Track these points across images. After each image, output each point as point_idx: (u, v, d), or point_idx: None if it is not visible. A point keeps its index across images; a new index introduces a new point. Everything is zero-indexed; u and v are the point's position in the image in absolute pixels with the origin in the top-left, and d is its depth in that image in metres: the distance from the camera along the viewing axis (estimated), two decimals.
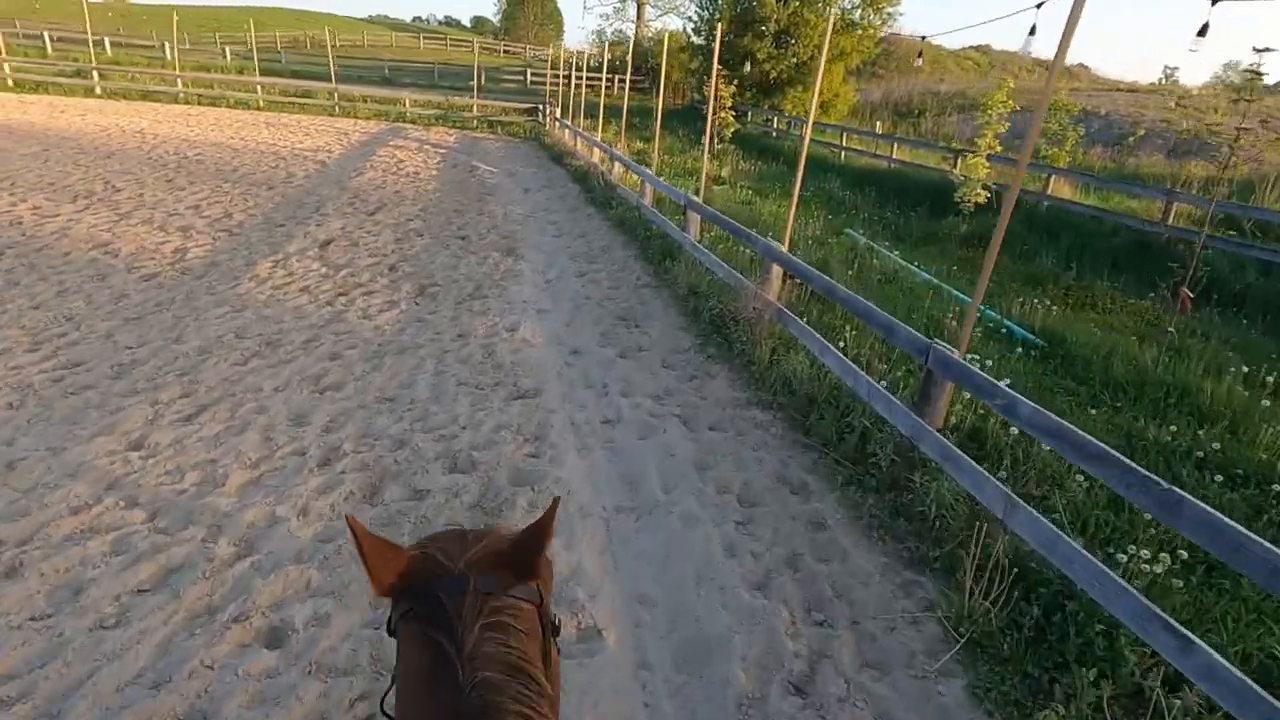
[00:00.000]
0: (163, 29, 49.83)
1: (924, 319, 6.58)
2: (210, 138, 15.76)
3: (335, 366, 5.11)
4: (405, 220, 9.78)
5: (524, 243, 9.19)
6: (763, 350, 5.32)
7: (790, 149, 20.40)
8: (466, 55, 54.05)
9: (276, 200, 10.29)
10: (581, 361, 5.61)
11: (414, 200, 11.22)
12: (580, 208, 11.63)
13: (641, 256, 8.65)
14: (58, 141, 13.42)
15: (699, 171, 16.36)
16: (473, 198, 11.88)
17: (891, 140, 17.08)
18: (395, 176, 13.22)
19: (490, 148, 18.60)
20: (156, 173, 11.40)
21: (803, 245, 8.98)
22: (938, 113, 29.32)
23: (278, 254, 7.68)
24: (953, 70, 40.88)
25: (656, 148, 13.61)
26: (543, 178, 14.50)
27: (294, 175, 12.40)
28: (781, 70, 23.87)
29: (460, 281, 7.32)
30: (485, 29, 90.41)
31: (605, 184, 12.17)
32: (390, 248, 8.33)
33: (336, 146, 16.44)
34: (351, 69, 34.46)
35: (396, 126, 21.27)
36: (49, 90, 20.94)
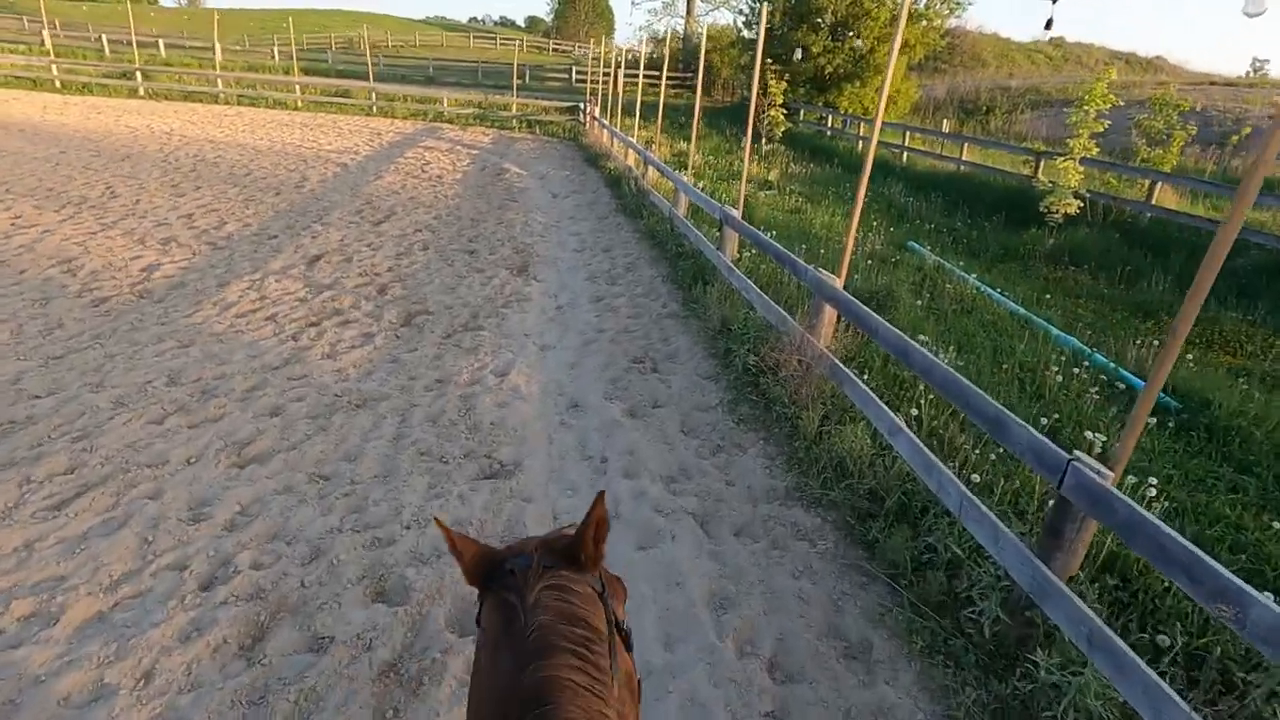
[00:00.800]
0: (226, 31, 51.00)
1: (1016, 366, 5.24)
2: (237, 139, 15.27)
3: (271, 427, 4.12)
4: (413, 231, 8.85)
5: (539, 258, 8.13)
6: (809, 418, 4.10)
7: (845, 150, 18.89)
8: (518, 53, 53.74)
9: (280, 207, 9.51)
10: (581, 421, 4.50)
11: (429, 207, 10.31)
12: (609, 216, 10.53)
13: (670, 278, 7.48)
14: (80, 143, 13.05)
15: (736, 171, 15.11)
16: (494, 204, 10.91)
17: (960, 140, 15.44)
18: (417, 180, 12.37)
19: (525, 148, 17.69)
20: (165, 177, 10.79)
21: (861, 264, 7.66)
22: (1008, 110, 27.21)
23: (257, 272, 6.81)
24: (1022, 64, 38.28)
25: (694, 148, 12.39)
26: (574, 181, 13.46)
27: (308, 179, 11.66)
28: (838, 65, 22.30)
29: (455, 308, 6.29)
30: (538, 28, 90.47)
31: (637, 190, 11.05)
32: (387, 264, 7.38)
33: (365, 148, 15.76)
34: (396, 68, 34.24)
35: (433, 126, 20.60)
36: (94, 91, 21.01)
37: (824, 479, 3.71)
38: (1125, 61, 38.78)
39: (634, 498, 3.68)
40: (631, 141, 12.51)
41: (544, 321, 6.22)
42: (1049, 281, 8.71)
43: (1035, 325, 6.60)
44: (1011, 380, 5.06)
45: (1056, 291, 8.27)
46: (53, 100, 19.11)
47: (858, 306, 3.98)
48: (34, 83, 20.91)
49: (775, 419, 4.38)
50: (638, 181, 11.41)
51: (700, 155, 16.89)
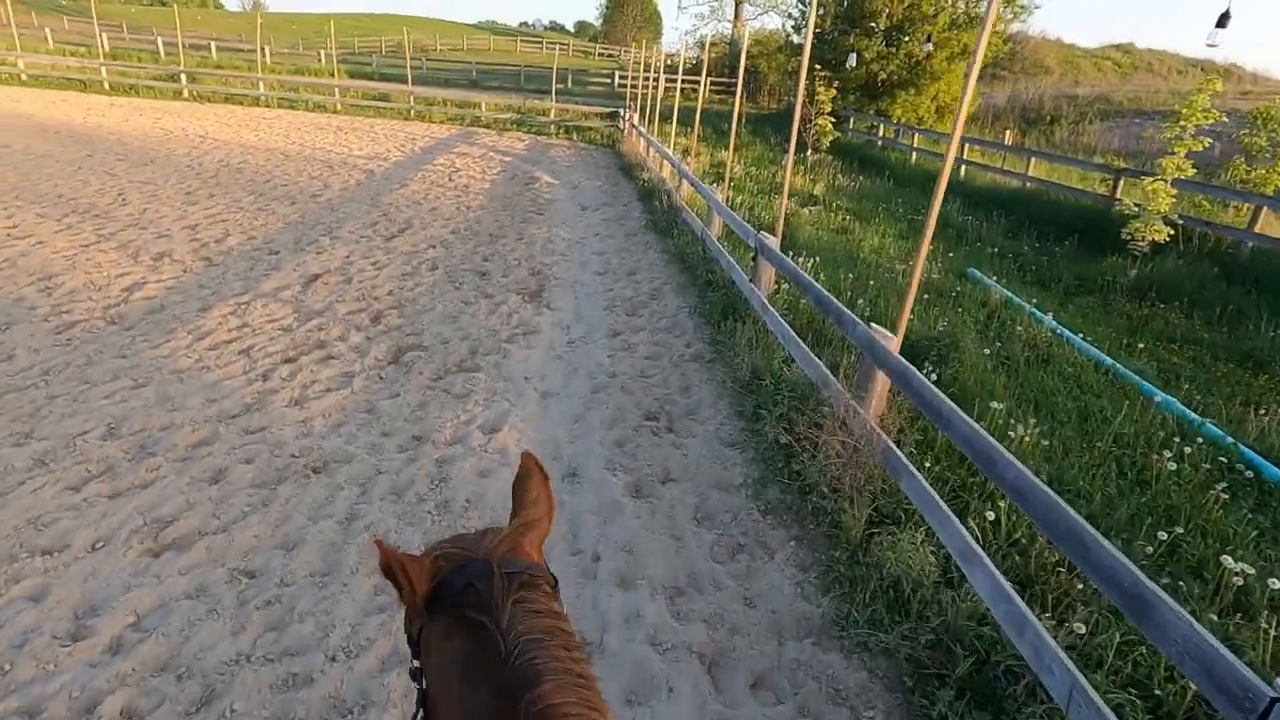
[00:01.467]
0: (283, 35, 52.13)
1: (1110, 440, 4.28)
2: (269, 143, 15.03)
3: (205, 500, 3.47)
4: (425, 247, 8.25)
5: (556, 282, 7.42)
6: (854, 517, 3.26)
7: (898, 161, 17.79)
8: (561, 58, 53.58)
9: (292, 219, 9.03)
10: (575, 499, 3.74)
11: (449, 220, 9.72)
12: (638, 234, 9.77)
13: (697, 310, 6.67)
14: (110, 146, 12.91)
15: (777, 183, 14.18)
16: (518, 217, 10.27)
17: (1027, 154, 14.23)
18: (441, 190, 11.84)
19: (560, 155, 17.10)
20: (184, 183, 10.46)
21: (918, 301, 6.74)
22: (1074, 120, 25.61)
23: (246, 294, 6.26)
24: (1088, 72, 36.31)
25: (732, 159, 11.57)
26: (606, 193, 12.76)
27: (330, 187, 11.22)
28: (891, 71, 21.14)
29: (452, 342, 5.61)
30: (587, 33, 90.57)
31: (669, 205, 10.27)
32: (388, 287, 6.76)
33: (396, 153, 15.37)
34: (440, 72, 34.21)
35: (469, 131, 20.20)
36: (141, 93, 21.24)
37: (872, 611, 2.86)
38: (1200, 69, 36.42)
39: (627, 621, 2.90)
40: (666, 152, 11.74)
41: (550, 360, 5.49)
42: (1134, 320, 7.62)
43: (1124, 379, 5.60)
44: (1106, 461, 4.12)
45: (1144, 333, 7.19)
46: (99, 102, 19.32)
47: (921, 382, 3.12)
48: (84, 84, 21.26)
49: (811, 512, 3.54)
50: (670, 196, 10.64)
51: (741, 165, 16.04)
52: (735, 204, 10.87)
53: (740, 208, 10.65)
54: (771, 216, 10.10)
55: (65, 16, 55.09)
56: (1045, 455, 3.99)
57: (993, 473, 2.56)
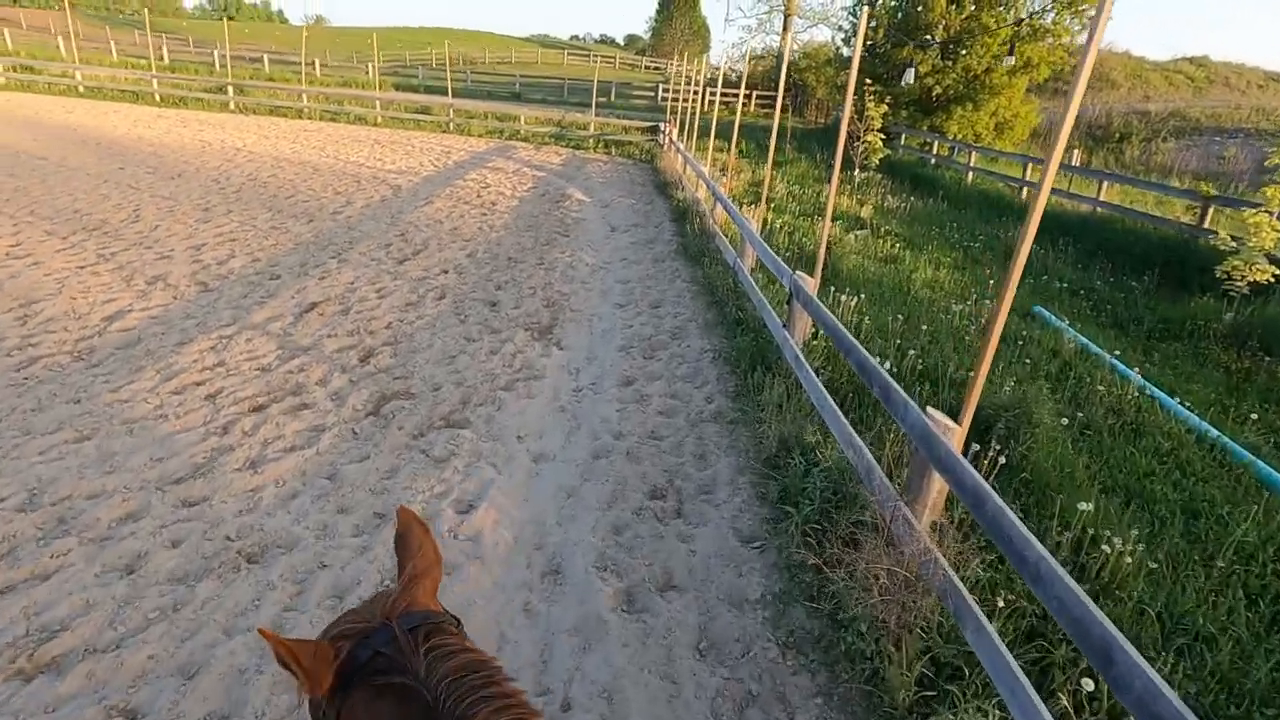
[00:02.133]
0: (340, 48, 53.39)
1: (1232, 552, 3.39)
2: (303, 156, 14.89)
3: (110, 597, 2.90)
4: (437, 272, 7.73)
5: (572, 315, 6.79)
6: (902, 673, 2.49)
7: (952, 181, 16.74)
8: (606, 70, 53.60)
9: (305, 238, 8.63)
10: (553, 609, 3.05)
11: (468, 241, 9.22)
12: (666, 260, 9.09)
13: (723, 354, 5.94)
14: (144, 159, 12.88)
15: (820, 204, 13.30)
16: (542, 238, 9.71)
17: (1098, 177, 13.07)
18: (467, 207, 11.39)
19: (595, 171, 16.58)
20: (204, 198, 10.22)
21: (973, 341, 5.87)
22: (1146, 138, 24.06)
23: (232, 326, 5.78)
24: (1158, 86, 34.33)
25: (770, 178, 10.84)
26: (638, 213, 12.14)
27: (352, 203, 10.87)
28: (947, 86, 20.07)
29: (444, 388, 5.01)
30: (636, 45, 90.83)
31: (701, 230, 9.58)
32: (387, 319, 6.23)
33: (428, 167, 15.06)
34: (482, 85, 34.31)
35: (506, 145, 19.90)
36: (190, 105, 21.60)
37: None
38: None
39: None
40: (701, 170, 11.06)
41: (550, 414, 4.83)
42: (1233, 375, 6.58)
43: (1236, 458, 4.65)
44: (1231, 586, 3.23)
45: (1248, 392, 6.16)
46: (147, 114, 19.65)
47: (996, 508, 2.32)
48: (136, 96, 21.73)
49: (845, 654, 2.78)
50: (704, 219, 9.95)
51: (784, 184, 15.25)
52: (774, 227, 10.11)
53: (779, 232, 9.89)
54: (814, 243, 9.31)
55: (136, 30, 57.65)
56: (1152, 579, 3.14)
57: (1107, 672, 1.77)
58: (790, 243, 9.41)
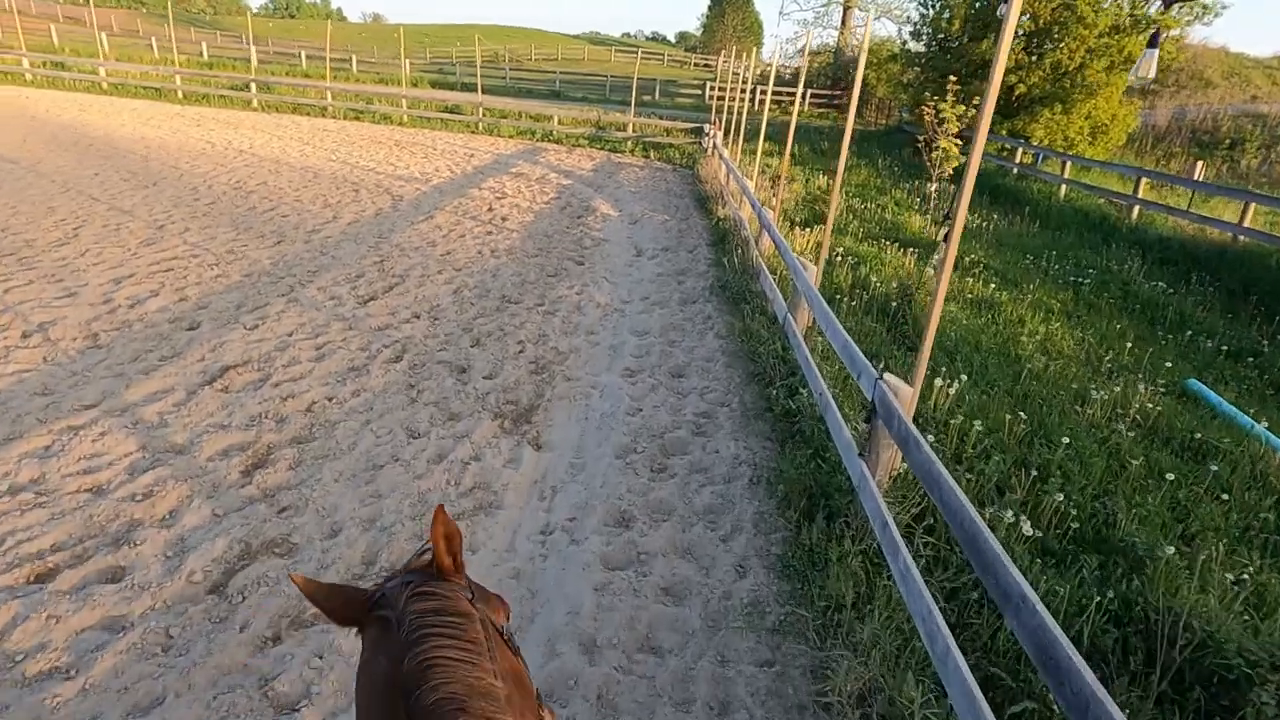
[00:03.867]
0: (388, 45, 53.04)
1: None
2: (307, 160, 13.58)
3: None
4: (406, 317, 6.13)
5: (563, 389, 5.08)
6: None
7: (1041, 194, 14.48)
8: (652, 67, 51.86)
9: (261, 266, 7.16)
10: None
11: (459, 270, 7.62)
12: (698, 300, 7.29)
13: (766, 471, 4.11)
14: (130, 162, 11.71)
15: (902, 226, 11.22)
16: (550, 267, 8.05)
17: (1241, 197, 10.70)
18: (472, 223, 9.81)
19: (629, 178, 14.86)
20: (168, 212, 8.88)
21: (1104, 433, 3.93)
22: (1265, 144, 21.04)
23: (91, 410, 4.26)
24: (1261, 85, 30.72)
25: (838, 199, 8.94)
26: (671, 233, 10.37)
27: (339, 218, 9.41)
28: (1033, 84, 17.67)
29: (345, 535, 3.36)
30: (688, 42, 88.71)
31: (743, 264, 7.76)
32: (312, 396, 4.63)
33: (444, 173, 13.59)
34: (520, 82, 32.95)
35: (536, 148, 18.36)
36: (213, 102, 20.71)
37: None
38: None
39: None
40: (747, 186, 9.21)
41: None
42: None
43: None
44: None
45: None
46: (165, 112, 18.76)
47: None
48: (159, 93, 20.96)
49: None
50: (747, 247, 8.13)
51: (842, 195, 13.26)
52: (835, 256, 8.21)
53: (841, 265, 7.99)
54: (883, 280, 7.40)
55: (193, 28, 58.38)
56: None
57: None
58: (854, 279, 7.53)
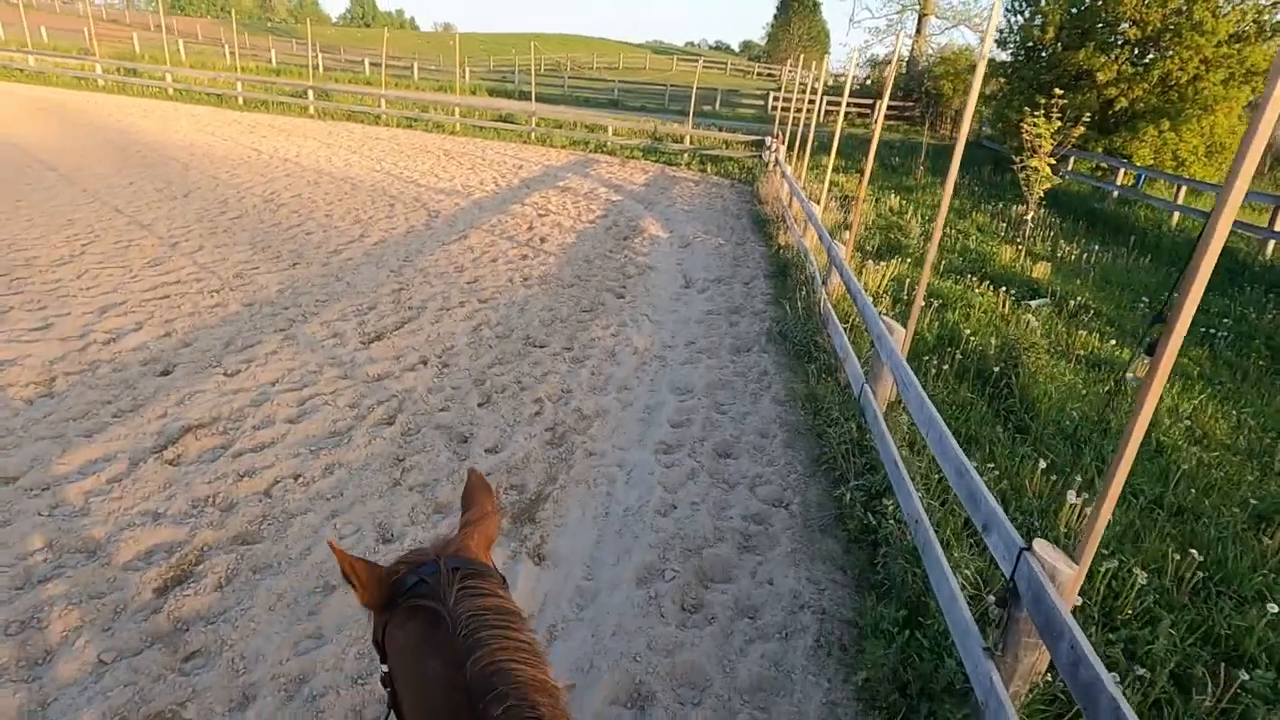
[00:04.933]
0: (450, 53, 53.77)
1: None
2: (350, 170, 13.11)
3: None
4: (411, 364, 5.30)
5: (581, 469, 4.12)
6: None
7: (1149, 221, 12.85)
8: (714, 76, 50.86)
9: (264, 295, 6.47)
10: None
11: (484, 303, 6.78)
12: (753, 349, 6.23)
13: (839, 640, 3.06)
14: (169, 171, 11.42)
15: (990, 258, 9.82)
16: (585, 300, 7.14)
17: None
18: (508, 244, 9.02)
19: (682, 194, 13.90)
20: (189, 227, 8.37)
21: None
22: None
23: (7, 485, 3.53)
24: None
25: (937, 243, 7.87)
26: (725, 260, 9.34)
27: (367, 236, 8.75)
28: (1136, 98, 15.91)
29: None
30: (752, 51, 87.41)
31: (809, 309, 6.65)
32: (276, 472, 3.80)
33: (489, 186, 12.92)
34: (577, 91, 32.43)
35: (587, 159, 17.60)
36: (270, 109, 20.75)
37: None
38: None
39: None
40: (813, 212, 8.10)
41: None
42: None
43: None
44: None
45: None
46: (222, 119, 18.80)
47: None
48: (220, 99, 21.14)
49: None
50: (813, 287, 7.03)
51: (916, 218, 11.98)
52: (914, 295, 7.03)
53: (927, 310, 6.81)
54: (975, 330, 6.19)
55: (272, 35, 60.48)
56: None
57: None
58: (940, 328, 6.35)
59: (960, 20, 30.81)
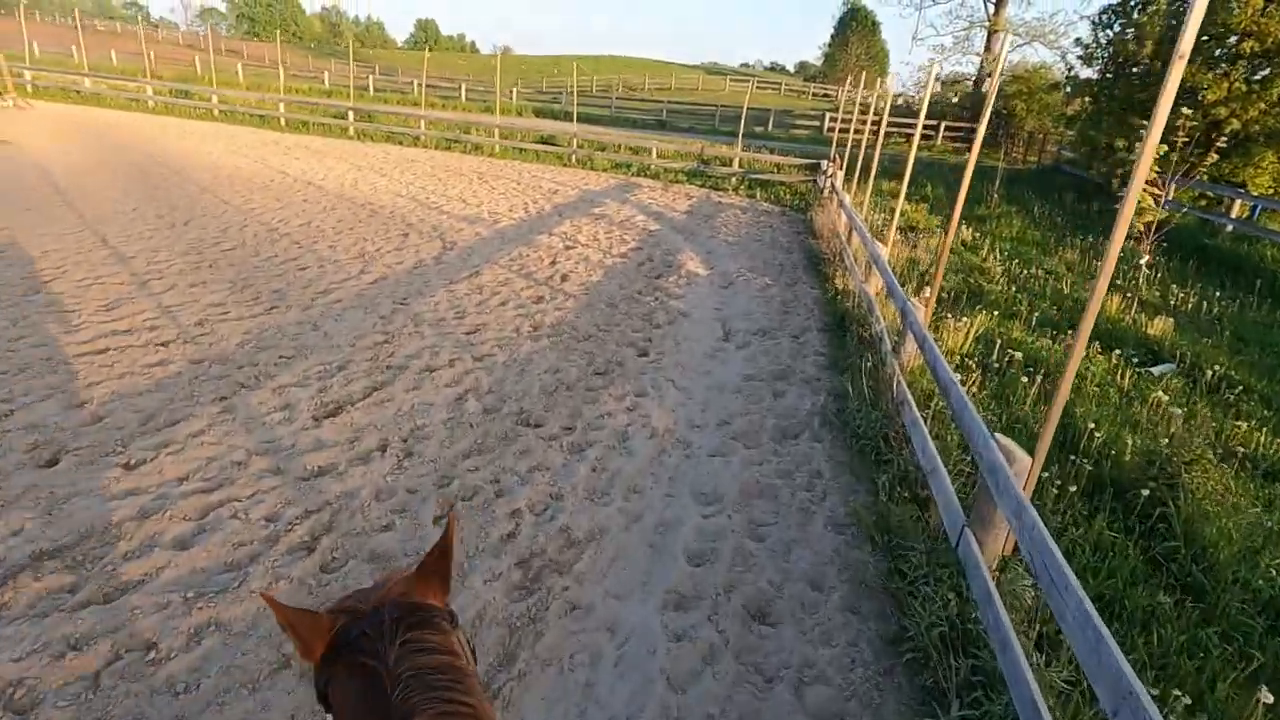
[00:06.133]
0: (508, 75, 54.06)
1: None
2: (372, 195, 12.35)
3: None
4: (362, 452, 4.19)
5: (558, 634, 2.89)
6: None
7: (1276, 261, 10.98)
8: (767, 97, 49.62)
9: (221, 349, 5.50)
10: None
11: (477, 362, 5.67)
12: (802, 435, 4.90)
13: None
14: (184, 194, 10.82)
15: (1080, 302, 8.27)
16: (601, 360, 5.96)
17: None
18: (524, 284, 7.94)
19: (726, 224, 12.66)
20: (173, 261, 7.57)
21: None
22: None
23: None
24: None
25: (1091, 317, 6.48)
26: (772, 306, 8.04)
27: (365, 273, 7.79)
28: (1251, 119, 13.98)
29: None
30: (807, 72, 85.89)
31: (876, 385, 5.24)
32: (114, 644, 2.70)
33: (517, 212, 11.97)
34: (625, 112, 31.63)
35: (629, 183, 16.57)
36: (311, 130, 20.48)
37: None
38: None
39: None
40: (880, 255, 6.75)
41: None
42: None
43: None
44: None
45: None
46: (259, 140, 18.52)
47: None
48: (263, 119, 21.00)
49: None
50: (877, 351, 5.65)
51: (995, 254, 10.47)
52: (1006, 358, 5.59)
53: (1016, 375, 5.36)
54: (1100, 422, 4.72)
55: (334, 59, 62.09)
56: None
57: None
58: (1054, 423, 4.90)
59: (1034, 36, 28.85)
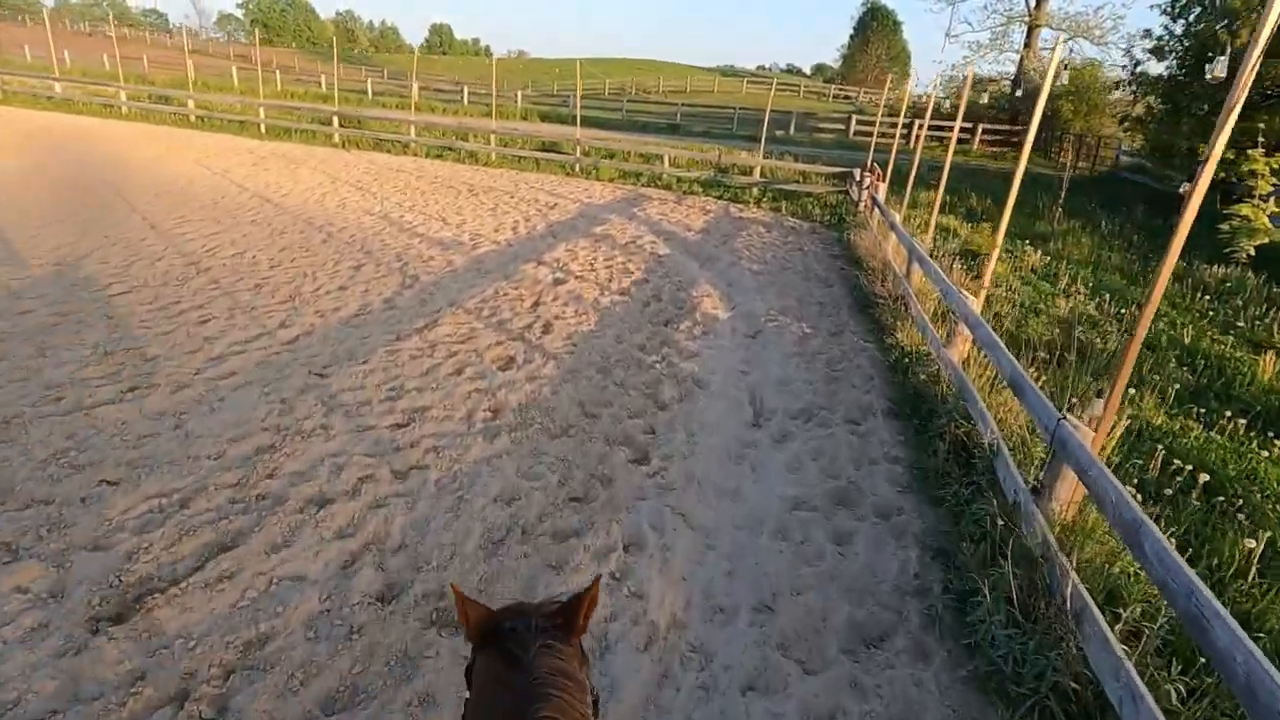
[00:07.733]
0: (517, 78, 52.41)
1: None
2: (335, 214, 10.61)
3: None
4: (142, 709, 2.36)
5: None
6: None
7: None
8: (786, 99, 47.60)
9: (7, 470, 3.73)
10: None
11: (391, 489, 3.84)
12: (896, 633, 3.01)
13: None
14: (108, 213, 9.14)
15: (1228, 365, 5.97)
16: (584, 470, 4.11)
17: None
18: (493, 337, 6.12)
19: (751, 245, 10.78)
20: (37, 311, 5.83)
21: None
22: None
23: None
24: None
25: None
26: (816, 366, 6.14)
27: (287, 326, 5.99)
28: None
29: None
30: (824, 74, 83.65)
31: (1003, 532, 3.28)
32: None
33: (504, 234, 10.17)
34: (636, 116, 29.80)
35: (637, 195, 14.74)
36: (293, 136, 18.84)
37: None
38: None
39: None
40: (969, 310, 4.82)
41: None
42: None
43: None
44: None
45: None
46: (236, 147, 16.88)
47: None
48: (241, 126, 19.41)
49: None
50: (998, 478, 3.71)
51: (1066, 282, 8.50)
52: (1152, 459, 3.66)
53: (1177, 509, 3.44)
54: None
55: (343, 65, 60.80)
56: None
57: None
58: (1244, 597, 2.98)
59: (1078, 32, 26.64)
